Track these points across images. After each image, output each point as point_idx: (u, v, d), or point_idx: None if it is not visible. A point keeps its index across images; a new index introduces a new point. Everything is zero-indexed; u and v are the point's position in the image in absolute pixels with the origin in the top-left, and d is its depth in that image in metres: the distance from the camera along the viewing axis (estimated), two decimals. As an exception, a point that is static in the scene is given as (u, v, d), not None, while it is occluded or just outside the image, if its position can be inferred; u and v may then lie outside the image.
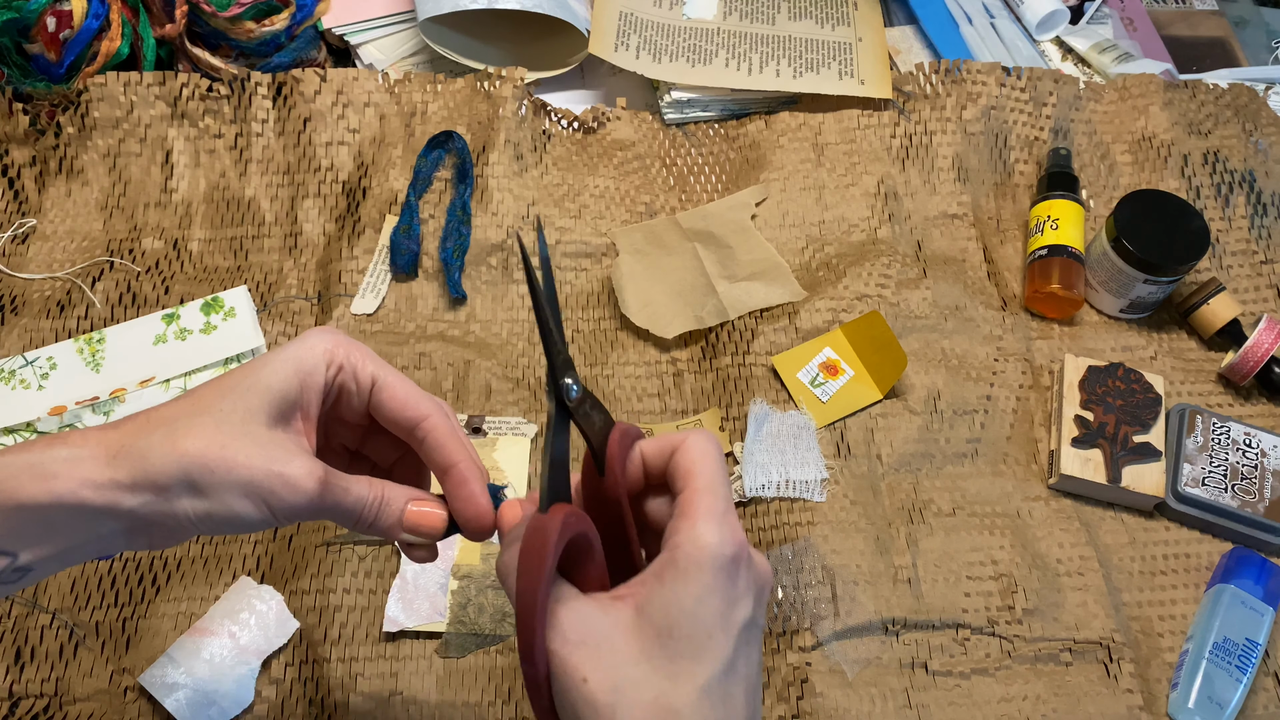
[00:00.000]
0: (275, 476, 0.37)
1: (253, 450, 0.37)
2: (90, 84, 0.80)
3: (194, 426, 0.37)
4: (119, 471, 0.36)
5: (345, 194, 0.81)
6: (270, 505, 0.38)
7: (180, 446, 0.37)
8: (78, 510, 0.36)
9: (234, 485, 0.37)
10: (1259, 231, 0.85)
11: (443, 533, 0.42)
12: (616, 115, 0.87)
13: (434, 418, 0.42)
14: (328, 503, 0.39)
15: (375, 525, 0.41)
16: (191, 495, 0.37)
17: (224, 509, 0.37)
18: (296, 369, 0.39)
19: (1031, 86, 0.88)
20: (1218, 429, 0.72)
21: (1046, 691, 0.63)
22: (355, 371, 0.41)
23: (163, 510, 0.37)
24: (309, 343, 0.40)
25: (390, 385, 0.42)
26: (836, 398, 0.73)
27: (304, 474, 0.38)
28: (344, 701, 0.60)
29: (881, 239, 0.81)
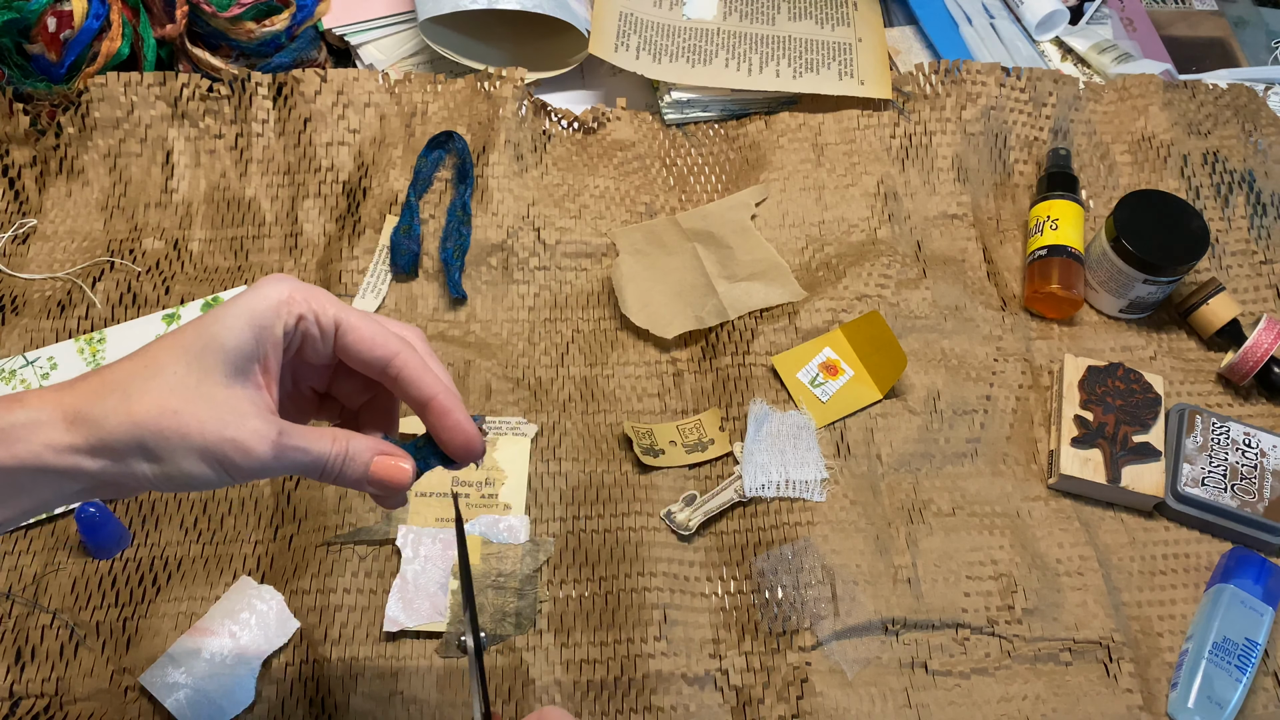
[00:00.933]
0: (227, 441, 0.37)
1: (206, 413, 0.37)
2: (91, 84, 0.80)
3: (148, 390, 0.37)
4: (77, 436, 0.37)
5: (345, 194, 0.81)
6: (225, 467, 0.38)
7: (134, 412, 0.37)
8: (41, 473, 0.37)
9: (188, 450, 0.37)
10: (1258, 231, 0.85)
11: (409, 483, 0.42)
12: (616, 115, 0.87)
13: (403, 354, 0.41)
14: (285, 461, 0.39)
15: (340, 478, 0.41)
16: (147, 460, 0.37)
17: (179, 472, 0.37)
18: (250, 322, 0.39)
19: (1031, 87, 0.88)
20: (1217, 429, 0.72)
21: (1046, 691, 0.63)
22: (317, 316, 0.40)
23: (122, 472, 0.37)
24: (263, 292, 0.39)
25: (355, 327, 0.41)
26: (836, 398, 0.73)
27: (257, 437, 0.38)
28: (344, 701, 0.60)
29: (881, 239, 0.81)
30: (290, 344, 0.40)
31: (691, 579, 0.66)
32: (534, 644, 0.63)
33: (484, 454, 0.44)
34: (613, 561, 0.66)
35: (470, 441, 0.42)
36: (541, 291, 0.78)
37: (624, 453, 0.71)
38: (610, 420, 0.73)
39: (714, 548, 0.68)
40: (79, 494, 0.39)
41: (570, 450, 0.71)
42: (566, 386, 0.74)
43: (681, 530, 0.67)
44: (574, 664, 0.62)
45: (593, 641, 0.63)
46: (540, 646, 0.63)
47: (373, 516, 0.66)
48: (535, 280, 0.79)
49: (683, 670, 0.62)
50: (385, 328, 0.42)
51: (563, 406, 0.73)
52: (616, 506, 0.68)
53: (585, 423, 0.72)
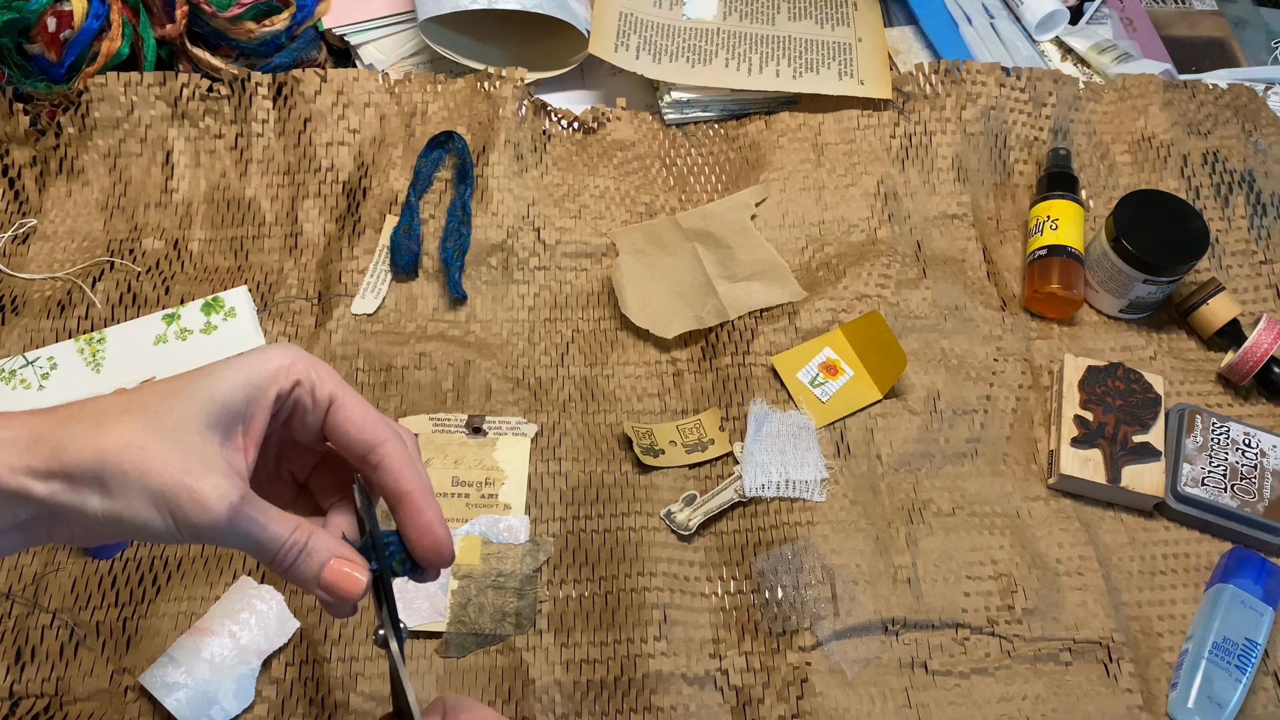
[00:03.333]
0: (185, 489, 0.35)
1: (171, 457, 0.35)
2: (91, 84, 0.80)
3: (121, 422, 0.35)
4: (35, 458, 0.35)
5: (345, 194, 0.81)
6: (175, 518, 0.35)
7: (99, 441, 0.35)
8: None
9: (142, 490, 0.35)
10: (1258, 231, 0.85)
11: (360, 596, 0.39)
12: (616, 115, 0.87)
13: (391, 443, 0.40)
14: (238, 530, 0.36)
15: (291, 572, 0.39)
16: (100, 492, 0.35)
17: (130, 513, 0.35)
18: (246, 381, 0.38)
19: (1031, 87, 0.88)
20: (1217, 429, 0.72)
21: (1046, 691, 0.63)
22: (313, 388, 0.39)
23: (72, 502, 0.35)
24: (265, 355, 0.39)
25: (348, 406, 0.40)
26: (836, 398, 0.73)
27: (216, 494, 0.35)
28: (344, 701, 0.60)
29: (881, 239, 0.81)
30: (281, 411, 0.39)
31: (691, 579, 0.66)
32: (534, 644, 0.63)
33: (452, 562, 0.42)
34: (613, 561, 0.66)
35: (440, 545, 0.40)
36: (541, 291, 0.78)
37: (624, 453, 0.71)
38: (610, 420, 0.73)
39: (714, 548, 0.68)
40: (34, 525, 0.36)
41: (570, 450, 0.71)
42: (566, 386, 0.74)
43: (681, 530, 0.67)
44: (574, 664, 0.62)
45: (593, 641, 0.63)
46: (540, 646, 0.63)
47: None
48: (535, 280, 0.79)
49: (683, 670, 0.62)
50: (381, 417, 0.40)
51: (563, 406, 0.73)
52: (616, 506, 0.68)
53: (585, 423, 0.72)
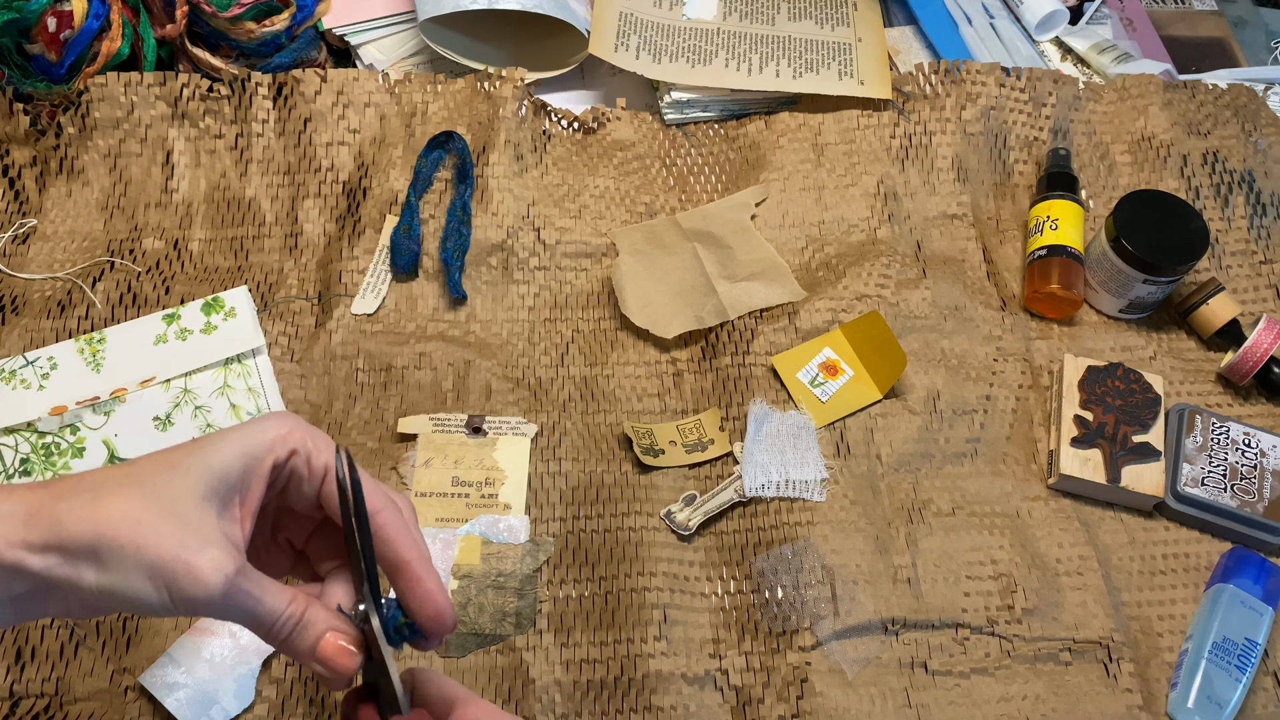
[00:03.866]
0: (180, 563, 0.35)
1: (167, 531, 0.35)
2: (91, 84, 0.80)
3: (118, 496, 0.36)
4: (31, 532, 0.35)
5: (345, 194, 0.81)
6: (170, 592, 0.35)
7: (96, 515, 0.35)
8: None
9: (138, 564, 0.35)
10: (1258, 231, 0.85)
11: (354, 672, 0.40)
12: (616, 115, 0.87)
13: (387, 512, 0.40)
14: (234, 604, 0.36)
15: (287, 645, 0.39)
16: (96, 566, 0.35)
17: (125, 587, 0.35)
18: (242, 451, 0.38)
19: (1031, 87, 0.88)
20: (1217, 429, 0.72)
21: (1046, 691, 0.63)
22: (310, 457, 0.39)
23: (68, 576, 0.35)
24: (262, 425, 0.39)
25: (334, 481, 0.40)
26: (836, 398, 0.73)
27: (211, 567, 0.35)
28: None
29: (881, 239, 0.81)
30: (277, 480, 0.39)
31: (691, 579, 0.66)
32: (534, 644, 0.63)
33: (454, 629, 0.41)
34: (613, 561, 0.66)
35: (441, 613, 0.40)
36: (541, 291, 0.78)
37: (624, 453, 0.71)
38: (610, 420, 0.73)
39: (714, 548, 0.68)
40: (21, 599, 0.36)
41: (570, 450, 0.71)
42: (566, 386, 0.74)
43: (681, 530, 0.67)
44: (574, 664, 0.62)
45: (593, 641, 0.63)
46: (540, 646, 0.63)
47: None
48: (535, 280, 0.79)
49: (683, 670, 0.62)
50: (377, 485, 0.41)
51: (563, 406, 0.73)
52: (616, 506, 0.68)
53: (585, 423, 0.72)
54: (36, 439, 0.68)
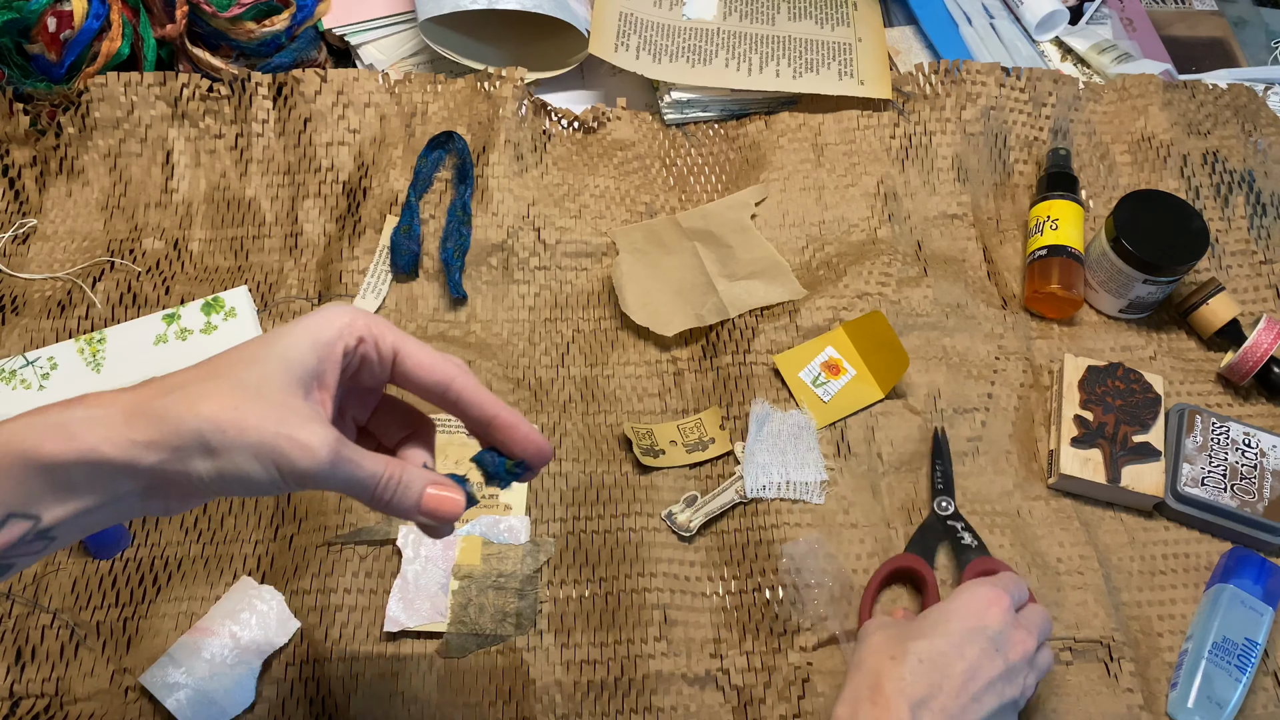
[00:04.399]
0: (286, 439, 0.37)
1: (266, 413, 0.38)
2: (91, 84, 0.80)
3: (209, 390, 0.38)
4: (136, 431, 0.37)
5: (346, 194, 0.81)
6: (280, 468, 0.38)
7: (195, 408, 0.37)
8: (98, 467, 0.37)
9: (245, 446, 0.37)
10: (1258, 231, 0.85)
11: (460, 515, 0.43)
12: (616, 115, 0.87)
13: (461, 378, 0.43)
14: (339, 472, 0.39)
15: (391, 505, 0.42)
16: (204, 455, 0.37)
17: (235, 469, 0.37)
18: (314, 341, 0.40)
19: (1031, 87, 0.88)
20: (1217, 429, 0.72)
21: (1046, 691, 0.63)
22: (376, 341, 0.42)
23: (178, 469, 0.37)
24: (327, 315, 0.41)
25: (414, 354, 0.43)
26: (838, 397, 0.73)
27: (316, 440, 0.38)
28: (344, 701, 0.60)
29: (881, 239, 0.81)
30: (349, 365, 0.42)
31: (692, 579, 0.66)
32: (534, 644, 0.63)
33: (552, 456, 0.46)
34: (613, 562, 0.66)
35: (542, 448, 0.45)
36: (542, 291, 0.78)
37: (624, 453, 0.71)
38: (610, 420, 0.73)
39: (714, 547, 0.68)
40: (132, 498, 0.38)
41: (570, 451, 0.71)
42: (567, 387, 0.74)
43: (682, 531, 0.67)
44: (574, 664, 0.62)
45: (593, 642, 0.63)
46: (540, 647, 0.63)
47: (373, 517, 0.66)
48: (535, 280, 0.79)
49: (683, 670, 0.62)
50: (442, 355, 0.44)
51: (563, 407, 0.73)
52: (617, 507, 0.68)
53: (585, 423, 0.72)
54: (36, 439, 0.68)
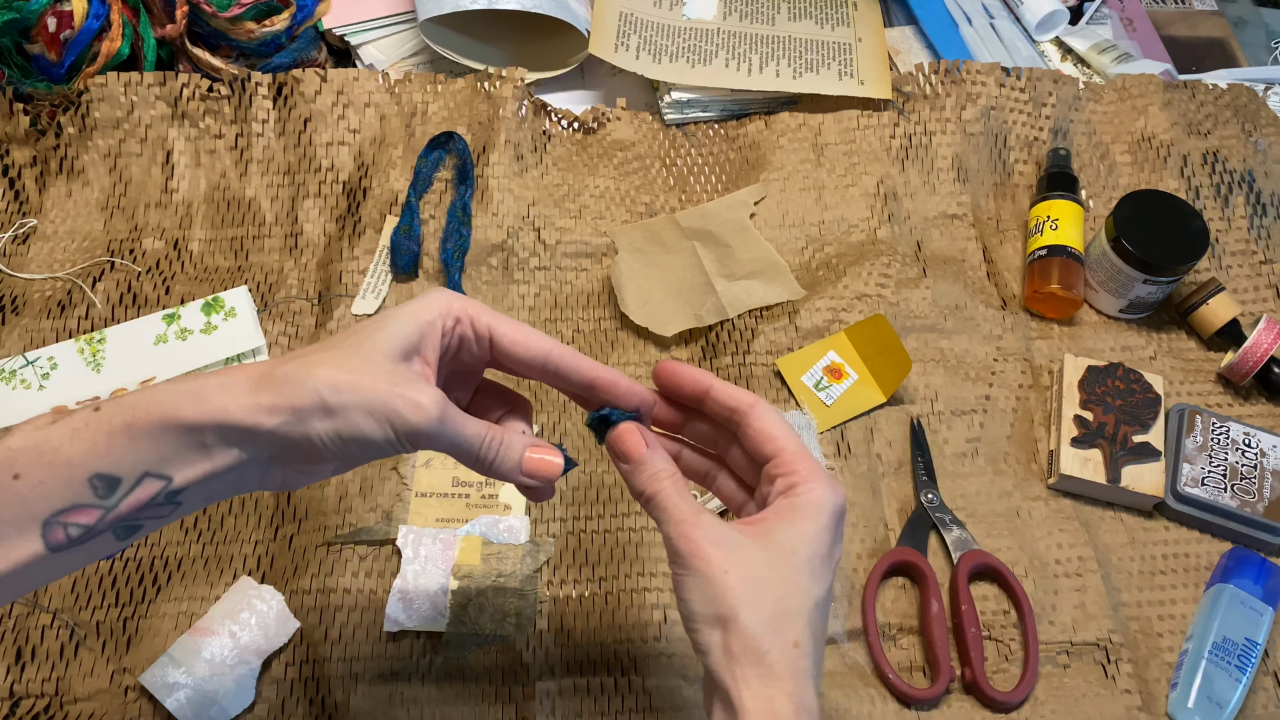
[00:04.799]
0: (399, 397, 0.40)
1: (379, 375, 0.41)
2: (91, 84, 0.80)
3: (325, 359, 0.41)
4: (261, 396, 0.39)
5: (346, 194, 0.81)
6: (394, 425, 0.40)
7: (314, 373, 0.40)
8: (227, 430, 0.39)
9: (361, 405, 0.40)
10: (1258, 231, 0.85)
11: (559, 476, 0.47)
12: (616, 115, 0.87)
13: (557, 349, 0.46)
14: (448, 430, 0.42)
15: (494, 466, 0.45)
16: (324, 416, 0.40)
17: (351, 427, 0.40)
18: (416, 321, 0.43)
19: (1031, 87, 0.88)
20: (1217, 429, 0.72)
21: (1044, 693, 0.63)
22: (473, 321, 0.45)
23: (299, 431, 0.40)
24: (427, 299, 0.44)
25: (509, 332, 0.45)
26: (841, 401, 0.73)
27: (427, 398, 0.41)
28: (344, 701, 0.60)
29: (881, 239, 0.81)
30: (449, 345, 0.45)
31: (691, 579, 0.66)
32: (534, 644, 0.63)
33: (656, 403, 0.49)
34: (613, 562, 0.66)
35: (645, 396, 0.48)
36: (542, 292, 0.78)
37: (624, 453, 0.71)
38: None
39: (714, 548, 0.68)
40: (255, 466, 0.41)
41: (570, 450, 0.71)
42: (566, 386, 0.74)
43: (681, 530, 0.67)
44: (574, 664, 0.62)
45: (593, 642, 0.63)
46: (540, 646, 0.63)
47: (373, 516, 0.66)
48: (535, 280, 0.79)
49: (683, 670, 0.62)
50: (534, 331, 0.46)
51: (563, 407, 0.73)
52: (617, 507, 0.68)
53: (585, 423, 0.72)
54: (36, 439, 0.68)
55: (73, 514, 0.38)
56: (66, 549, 0.38)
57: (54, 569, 0.39)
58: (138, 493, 0.39)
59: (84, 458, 0.38)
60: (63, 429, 0.38)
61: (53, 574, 0.39)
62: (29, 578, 0.38)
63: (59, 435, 0.38)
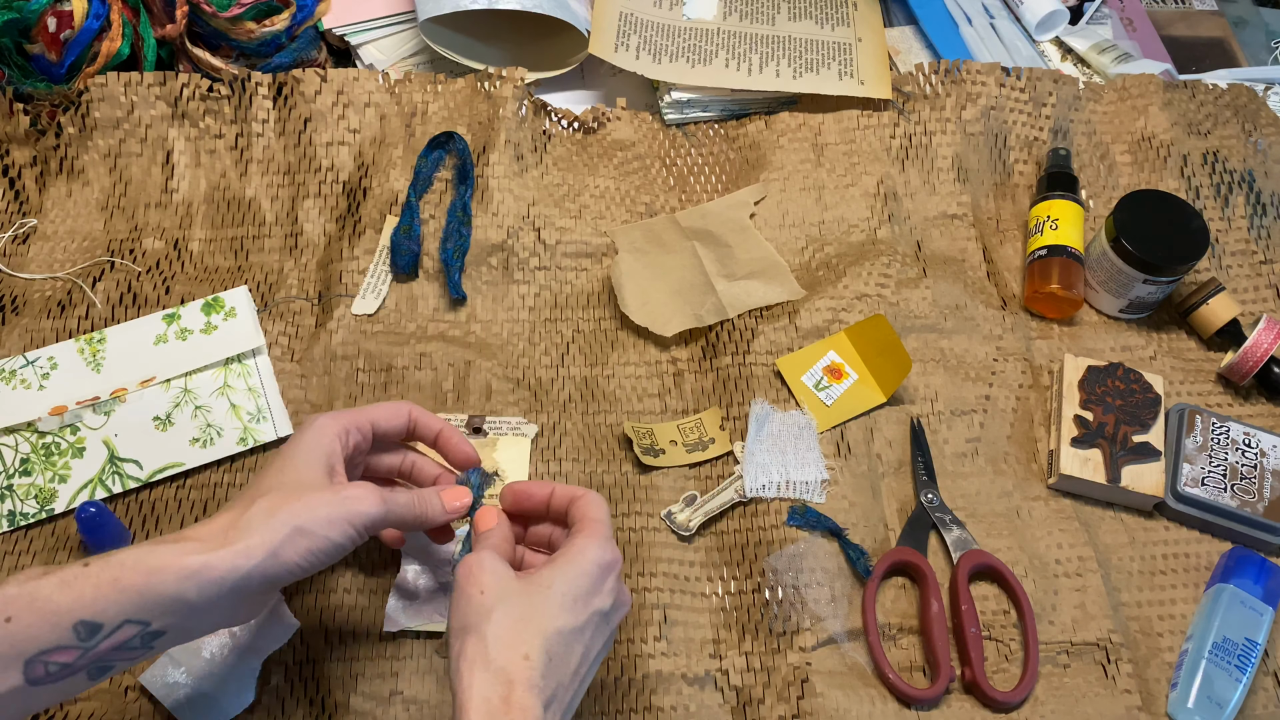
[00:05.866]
0: (348, 500, 0.50)
1: (324, 495, 0.49)
2: (91, 84, 0.80)
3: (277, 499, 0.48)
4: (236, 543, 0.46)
5: (346, 194, 0.81)
6: (354, 524, 0.49)
7: (276, 514, 0.47)
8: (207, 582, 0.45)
9: (323, 519, 0.48)
10: (1258, 231, 0.85)
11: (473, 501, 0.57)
12: (616, 115, 0.87)
13: (413, 408, 0.58)
14: (393, 510, 0.52)
15: (426, 518, 0.54)
16: (297, 539, 0.47)
17: (322, 541, 0.48)
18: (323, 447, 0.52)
19: (1031, 87, 0.88)
20: (1217, 429, 0.72)
21: (1044, 693, 0.63)
22: (356, 426, 0.55)
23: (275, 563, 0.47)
24: (316, 426, 0.53)
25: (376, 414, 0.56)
26: (841, 401, 0.73)
27: (367, 497, 0.50)
28: (344, 701, 0.60)
29: (881, 239, 0.81)
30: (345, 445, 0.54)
31: (692, 579, 0.66)
32: (534, 644, 0.63)
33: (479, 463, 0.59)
34: (613, 561, 0.66)
35: (470, 454, 0.59)
36: (542, 291, 0.78)
37: (624, 453, 0.71)
38: (610, 420, 0.73)
39: (714, 548, 0.68)
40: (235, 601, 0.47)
41: (570, 450, 0.71)
42: (567, 387, 0.74)
43: (682, 531, 0.67)
44: (574, 664, 0.62)
45: (593, 641, 0.63)
46: (540, 646, 0.63)
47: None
48: (535, 280, 0.79)
49: (683, 670, 0.62)
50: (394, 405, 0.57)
51: (563, 407, 0.73)
52: (617, 507, 0.68)
53: (585, 423, 0.72)
54: (36, 439, 0.68)
55: (55, 654, 0.43)
56: (43, 684, 0.43)
57: (28, 702, 0.44)
58: (116, 636, 0.44)
59: (71, 606, 0.43)
60: (53, 580, 0.44)
61: (25, 707, 0.44)
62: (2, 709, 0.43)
63: (49, 586, 0.43)
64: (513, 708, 0.45)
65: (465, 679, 0.45)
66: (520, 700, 0.45)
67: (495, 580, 0.49)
